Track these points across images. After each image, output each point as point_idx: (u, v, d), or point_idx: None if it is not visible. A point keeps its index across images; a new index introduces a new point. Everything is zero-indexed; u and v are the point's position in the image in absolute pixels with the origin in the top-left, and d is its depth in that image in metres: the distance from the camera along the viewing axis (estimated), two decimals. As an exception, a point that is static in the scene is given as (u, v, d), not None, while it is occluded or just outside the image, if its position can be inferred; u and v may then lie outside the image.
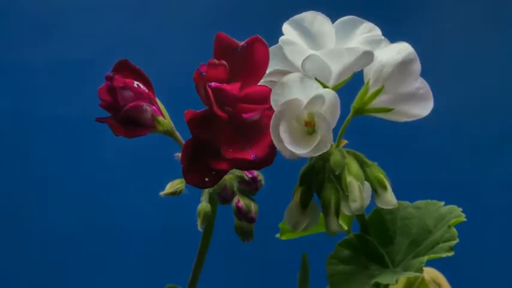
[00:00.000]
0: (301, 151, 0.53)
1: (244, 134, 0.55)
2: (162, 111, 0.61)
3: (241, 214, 0.62)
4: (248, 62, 0.56)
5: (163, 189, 0.62)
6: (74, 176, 1.32)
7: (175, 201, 0.63)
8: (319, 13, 0.57)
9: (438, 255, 0.58)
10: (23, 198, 1.32)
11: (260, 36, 0.56)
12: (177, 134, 0.61)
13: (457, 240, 0.58)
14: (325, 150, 0.53)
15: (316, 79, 0.55)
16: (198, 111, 0.55)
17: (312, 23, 0.57)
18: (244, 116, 0.54)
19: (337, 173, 0.56)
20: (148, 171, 1.27)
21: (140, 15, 1.39)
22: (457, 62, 1.35)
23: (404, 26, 1.30)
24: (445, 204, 0.63)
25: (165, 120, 0.60)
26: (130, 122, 0.58)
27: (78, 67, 1.34)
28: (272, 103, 0.54)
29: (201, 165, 0.55)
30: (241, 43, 0.56)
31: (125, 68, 0.59)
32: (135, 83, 0.59)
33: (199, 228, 0.62)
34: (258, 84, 0.56)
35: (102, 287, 1.32)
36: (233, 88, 0.55)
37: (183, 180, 0.61)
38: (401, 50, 0.56)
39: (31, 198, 1.32)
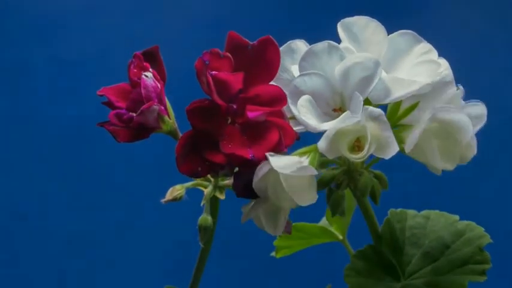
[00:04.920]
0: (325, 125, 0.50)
1: (247, 133, 0.54)
2: (168, 110, 0.59)
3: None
4: (258, 61, 0.55)
5: (164, 190, 0.61)
6: (74, 176, 1.32)
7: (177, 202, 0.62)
8: (374, 20, 0.54)
9: (472, 278, 0.56)
10: (22, 198, 1.32)
11: (271, 37, 0.55)
12: (180, 134, 0.59)
13: (490, 265, 0.57)
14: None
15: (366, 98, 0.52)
16: (198, 100, 0.54)
17: (363, 30, 0.54)
18: (250, 114, 0.53)
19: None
20: (149, 171, 1.26)
21: (140, 15, 1.38)
22: (456, 63, 1.34)
23: (404, 25, 1.29)
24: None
25: (170, 120, 0.59)
26: (138, 126, 0.57)
27: (78, 67, 1.34)
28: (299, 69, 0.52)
29: (195, 155, 0.54)
30: (252, 42, 0.55)
31: (151, 55, 0.59)
32: (151, 70, 0.58)
33: (201, 244, 0.61)
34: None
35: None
36: (236, 79, 0.53)
37: (183, 185, 0.61)
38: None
39: (31, 198, 1.32)
